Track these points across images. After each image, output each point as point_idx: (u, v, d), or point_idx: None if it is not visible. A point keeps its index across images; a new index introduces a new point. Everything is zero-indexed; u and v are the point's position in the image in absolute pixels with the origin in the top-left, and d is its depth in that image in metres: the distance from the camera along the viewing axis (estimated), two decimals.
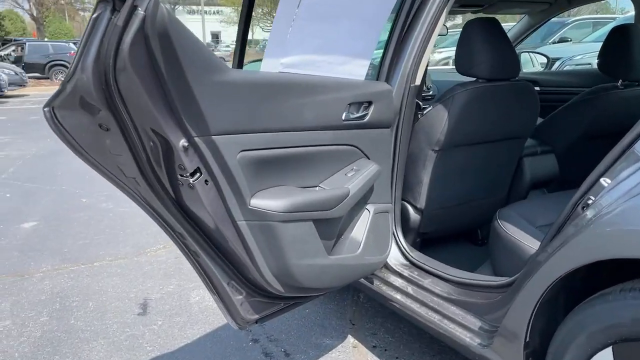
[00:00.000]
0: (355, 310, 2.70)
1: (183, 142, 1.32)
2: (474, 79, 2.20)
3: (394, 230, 2.19)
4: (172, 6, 43.41)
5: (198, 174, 1.39)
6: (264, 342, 2.41)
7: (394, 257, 2.16)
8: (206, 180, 1.40)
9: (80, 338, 2.45)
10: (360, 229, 1.91)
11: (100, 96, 1.18)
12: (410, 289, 2.03)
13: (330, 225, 1.75)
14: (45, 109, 1.23)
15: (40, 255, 3.46)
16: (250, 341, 2.42)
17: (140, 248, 3.59)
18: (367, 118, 1.82)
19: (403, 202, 2.37)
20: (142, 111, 1.24)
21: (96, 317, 2.64)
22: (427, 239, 2.50)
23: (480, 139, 2.29)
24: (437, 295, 1.93)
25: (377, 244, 1.98)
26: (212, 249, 1.60)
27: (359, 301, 2.79)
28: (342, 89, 1.72)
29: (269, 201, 1.52)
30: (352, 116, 1.78)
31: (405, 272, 2.10)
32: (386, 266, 2.16)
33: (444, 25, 3.55)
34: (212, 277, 1.65)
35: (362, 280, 2.20)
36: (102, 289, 2.96)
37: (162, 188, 1.45)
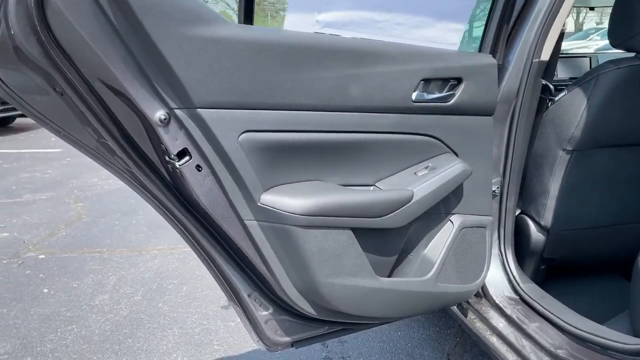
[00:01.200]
0: (458, 344, 2.19)
1: (160, 114, 1.03)
2: (632, 54, 1.57)
3: (502, 252, 1.68)
4: None
5: (187, 157, 1.10)
6: None
7: (498, 286, 1.66)
8: (198, 166, 1.11)
9: (159, 324, 2.37)
10: (436, 246, 1.46)
11: (34, 47, 0.94)
12: (510, 332, 1.53)
13: (384, 238, 1.34)
14: None
15: (164, 233, 3.54)
16: (322, 358, 2.10)
17: None
18: (452, 100, 1.36)
19: (521, 215, 1.83)
20: (95, 68, 0.99)
21: (183, 304, 2.56)
22: (555, 267, 1.90)
23: (637, 138, 1.64)
24: (543, 349, 1.42)
25: (463, 267, 1.50)
26: (226, 252, 1.30)
27: (466, 332, 2.27)
28: (413, 59, 1.28)
29: (284, 198, 1.16)
30: (428, 97, 1.34)
31: (509, 309, 1.60)
32: (486, 296, 1.67)
33: None
34: (233, 284, 1.36)
35: (454, 308, 1.74)
36: (202, 275, 2.89)
37: (154, 173, 1.19)
